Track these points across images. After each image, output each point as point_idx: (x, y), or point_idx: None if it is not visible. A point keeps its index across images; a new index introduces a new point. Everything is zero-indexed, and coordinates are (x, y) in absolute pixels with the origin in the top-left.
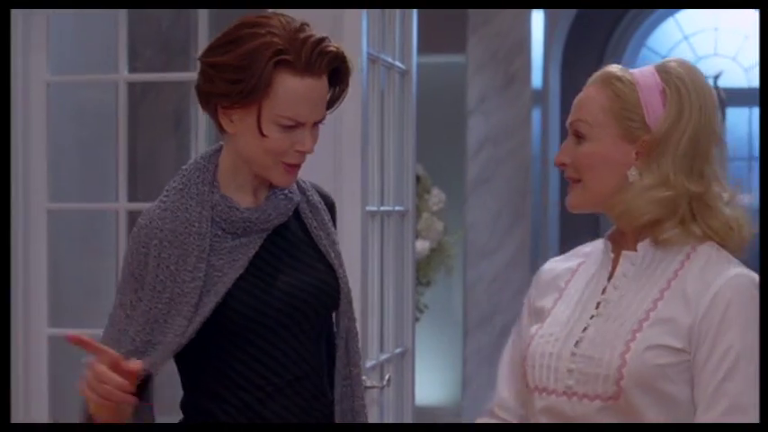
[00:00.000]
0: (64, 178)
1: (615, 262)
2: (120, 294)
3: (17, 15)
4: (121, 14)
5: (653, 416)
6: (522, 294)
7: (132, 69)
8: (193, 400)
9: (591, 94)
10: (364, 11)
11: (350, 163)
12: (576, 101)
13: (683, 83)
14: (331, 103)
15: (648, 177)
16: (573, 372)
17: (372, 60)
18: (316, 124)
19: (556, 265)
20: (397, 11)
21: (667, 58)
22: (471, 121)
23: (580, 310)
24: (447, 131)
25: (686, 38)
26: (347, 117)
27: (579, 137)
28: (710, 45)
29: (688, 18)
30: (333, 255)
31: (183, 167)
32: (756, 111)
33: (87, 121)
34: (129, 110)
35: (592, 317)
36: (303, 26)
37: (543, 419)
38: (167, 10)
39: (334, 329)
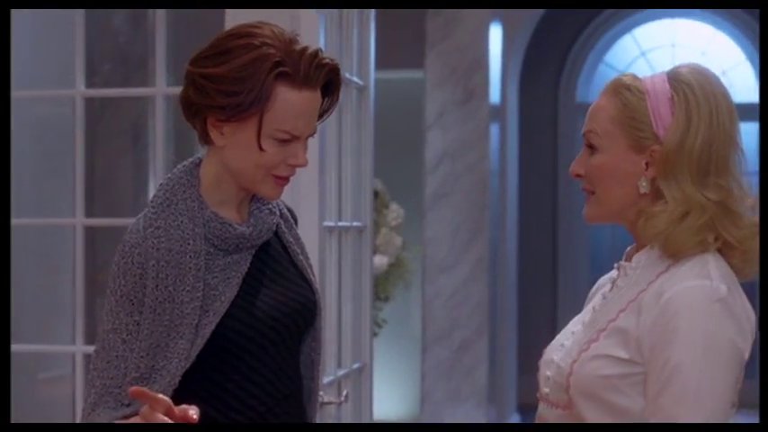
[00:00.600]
0: (22, 193)
1: None
2: (112, 318)
3: None
4: (79, 28)
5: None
6: (480, 309)
7: (90, 84)
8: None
9: (601, 104)
10: (321, 26)
11: (307, 178)
12: (588, 111)
13: (691, 89)
14: (320, 116)
15: (673, 201)
16: (549, 379)
17: None
18: (307, 137)
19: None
20: (355, 27)
21: (681, 64)
22: (429, 136)
23: (578, 321)
24: (405, 146)
25: (644, 54)
26: None
27: (591, 148)
28: (668, 61)
29: (645, 34)
30: (309, 270)
31: (162, 183)
32: None
33: (45, 136)
34: (88, 125)
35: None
36: (296, 37)
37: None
38: (125, 24)
39: (306, 346)
